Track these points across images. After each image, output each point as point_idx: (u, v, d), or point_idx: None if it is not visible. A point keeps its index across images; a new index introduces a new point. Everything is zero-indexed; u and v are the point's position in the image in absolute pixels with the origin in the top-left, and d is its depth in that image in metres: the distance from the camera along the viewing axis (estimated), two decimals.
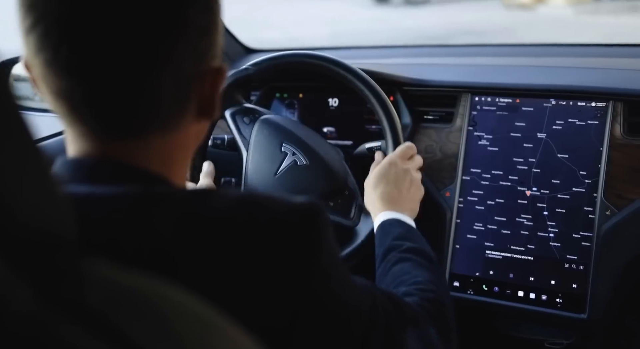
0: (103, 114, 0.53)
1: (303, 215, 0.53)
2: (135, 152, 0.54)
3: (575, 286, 1.12)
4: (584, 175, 1.14)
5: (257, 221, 0.51)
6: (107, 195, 0.49)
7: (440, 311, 0.78)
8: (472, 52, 1.69)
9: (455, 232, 1.22)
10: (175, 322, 0.34)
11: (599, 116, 1.14)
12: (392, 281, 0.83)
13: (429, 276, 0.83)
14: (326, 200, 1.11)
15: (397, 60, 1.57)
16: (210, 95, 0.58)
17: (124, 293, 0.34)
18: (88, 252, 0.37)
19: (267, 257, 0.50)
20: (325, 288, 0.54)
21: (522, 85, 1.20)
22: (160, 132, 0.55)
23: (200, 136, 0.61)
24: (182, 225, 0.48)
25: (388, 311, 0.65)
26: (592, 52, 1.56)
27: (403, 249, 0.88)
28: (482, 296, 1.19)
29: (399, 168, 1.03)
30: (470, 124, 1.23)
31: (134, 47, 0.50)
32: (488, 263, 1.19)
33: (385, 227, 0.95)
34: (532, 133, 1.18)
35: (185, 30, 0.53)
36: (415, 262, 0.86)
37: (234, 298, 0.48)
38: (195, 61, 0.55)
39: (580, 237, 1.13)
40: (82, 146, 0.55)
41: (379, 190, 1.01)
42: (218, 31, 0.58)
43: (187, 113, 0.57)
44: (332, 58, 1.15)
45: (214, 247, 0.49)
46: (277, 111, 1.48)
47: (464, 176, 1.22)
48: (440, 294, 0.81)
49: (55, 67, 0.51)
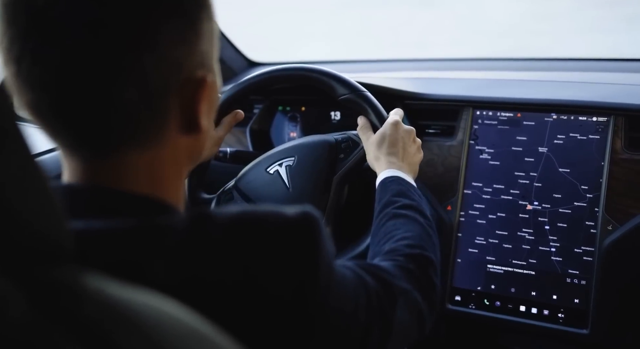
0: (74, 128, 0.51)
1: (297, 229, 0.53)
2: (122, 174, 0.53)
3: (577, 301, 1.12)
4: (585, 189, 1.14)
5: (252, 242, 0.51)
6: (103, 230, 0.48)
7: (423, 267, 0.77)
8: (473, 66, 1.69)
9: (456, 246, 1.22)
10: (171, 337, 0.34)
11: (600, 130, 1.14)
12: (383, 237, 0.83)
13: (418, 232, 0.83)
14: (338, 155, 1.11)
15: (399, 74, 1.58)
16: (193, 107, 0.55)
17: (119, 306, 0.34)
18: (84, 266, 0.37)
19: (264, 277, 0.50)
20: (325, 301, 0.54)
21: (524, 100, 1.21)
22: (140, 148, 0.53)
23: (194, 151, 0.59)
24: (180, 255, 0.48)
25: (380, 298, 0.65)
26: (593, 66, 1.56)
27: (399, 205, 0.88)
28: (484, 310, 1.19)
29: (403, 128, 1.03)
30: (471, 138, 1.23)
31: (94, 57, 0.49)
32: (490, 277, 1.19)
33: (385, 184, 0.94)
34: (533, 147, 1.18)
35: (150, 38, 0.50)
36: (408, 218, 0.86)
37: (233, 316, 0.48)
38: (169, 71, 0.52)
39: (582, 252, 1.13)
40: (70, 165, 0.55)
41: (384, 148, 1.00)
42: (200, 39, 0.54)
43: (168, 126, 0.54)
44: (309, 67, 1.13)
45: (211, 268, 0.49)
46: (280, 124, 1.49)
47: (465, 190, 1.22)
48: (427, 249, 0.80)
49: (20, 79, 0.50)
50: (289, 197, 1.11)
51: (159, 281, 0.46)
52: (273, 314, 0.50)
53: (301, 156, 1.12)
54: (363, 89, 1.08)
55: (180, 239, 0.49)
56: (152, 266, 0.47)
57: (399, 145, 1.00)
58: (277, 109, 1.49)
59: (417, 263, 0.77)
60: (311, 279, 0.52)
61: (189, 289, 0.47)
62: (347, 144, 1.12)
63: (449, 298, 1.21)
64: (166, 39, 0.51)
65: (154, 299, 0.36)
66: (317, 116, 1.46)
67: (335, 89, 1.08)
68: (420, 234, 0.83)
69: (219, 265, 0.49)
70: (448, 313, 1.21)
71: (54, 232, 0.36)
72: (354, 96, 1.07)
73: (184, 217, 0.52)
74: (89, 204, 0.52)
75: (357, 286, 0.63)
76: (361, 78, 1.17)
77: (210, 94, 0.56)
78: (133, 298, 0.35)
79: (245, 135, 1.47)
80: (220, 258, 0.49)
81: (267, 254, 0.51)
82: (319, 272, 0.53)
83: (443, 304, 1.21)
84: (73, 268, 0.36)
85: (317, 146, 1.13)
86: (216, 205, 1.15)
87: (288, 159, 1.13)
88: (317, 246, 0.53)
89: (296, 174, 1.12)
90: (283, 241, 0.52)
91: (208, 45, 0.56)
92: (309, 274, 0.52)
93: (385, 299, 0.66)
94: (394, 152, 1.00)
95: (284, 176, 1.13)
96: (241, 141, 1.48)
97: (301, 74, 1.11)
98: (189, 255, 0.49)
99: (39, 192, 0.35)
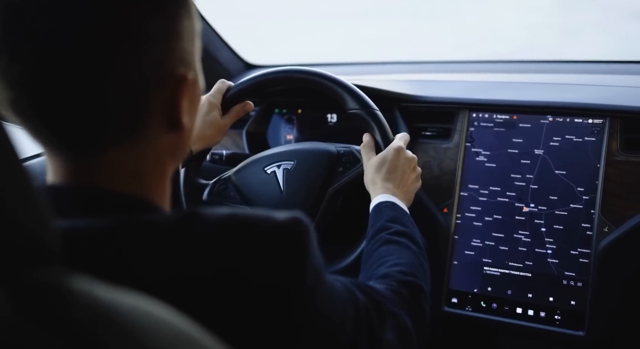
0: (54, 127, 0.51)
1: (286, 234, 0.53)
2: (105, 172, 0.53)
3: (574, 303, 1.12)
4: (581, 191, 1.14)
5: (241, 243, 0.51)
6: (88, 228, 0.48)
7: (415, 295, 0.78)
8: (469, 68, 1.70)
9: (453, 248, 1.22)
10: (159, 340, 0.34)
11: (596, 132, 1.14)
12: (376, 261, 0.84)
13: (411, 259, 0.84)
14: (337, 168, 1.11)
15: (395, 76, 1.58)
16: (174, 104, 0.55)
17: (108, 309, 0.34)
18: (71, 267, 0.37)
19: (253, 278, 0.50)
20: (311, 305, 0.54)
21: (519, 102, 1.21)
22: (122, 146, 0.53)
23: (177, 149, 0.58)
24: (167, 252, 0.48)
25: (369, 312, 0.66)
26: (588, 68, 1.57)
27: (392, 231, 0.89)
28: (481, 312, 1.19)
29: (406, 156, 1.03)
30: (467, 140, 1.23)
31: (73, 55, 0.48)
32: (486, 279, 1.19)
33: (380, 209, 0.95)
34: (529, 149, 1.18)
35: (130, 36, 0.50)
36: (402, 245, 0.86)
37: (219, 315, 0.48)
38: (149, 69, 0.52)
39: (578, 254, 1.13)
40: (53, 166, 0.54)
41: (382, 172, 1.01)
42: (181, 38, 0.54)
43: (150, 124, 0.54)
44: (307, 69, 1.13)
45: (199, 266, 0.49)
46: (276, 126, 1.49)
47: (461, 192, 1.22)
48: (419, 278, 0.81)
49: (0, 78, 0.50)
50: (281, 200, 1.11)
51: (146, 279, 0.46)
52: (258, 315, 0.50)
53: (300, 161, 1.12)
54: (374, 107, 1.08)
55: (168, 237, 0.49)
56: (138, 263, 0.47)
57: (398, 172, 1.01)
58: (273, 112, 1.49)
59: (409, 290, 0.78)
60: (297, 282, 0.52)
61: (176, 286, 0.47)
62: (348, 158, 1.11)
63: (445, 300, 1.21)
64: (146, 37, 0.51)
65: (143, 302, 0.36)
66: (313, 118, 1.46)
67: (346, 101, 1.08)
68: (413, 262, 0.84)
69: (206, 263, 0.49)
70: (445, 315, 1.21)
71: (40, 234, 0.36)
72: (363, 113, 1.07)
73: (172, 215, 0.52)
74: (73, 204, 0.52)
75: (347, 299, 0.63)
76: (358, 80, 1.17)
77: (192, 92, 0.57)
78: (122, 300, 0.35)
79: (242, 137, 1.47)
80: (208, 256, 0.49)
81: (255, 256, 0.51)
82: (306, 276, 0.53)
83: (440, 306, 1.21)
84: (61, 269, 0.36)
85: (318, 154, 1.13)
86: (209, 192, 1.15)
87: (287, 162, 1.13)
88: (305, 251, 0.53)
89: (292, 178, 1.12)
90: (271, 243, 0.52)
91: (189, 43, 0.56)
92: (296, 277, 0.52)
93: (375, 318, 0.66)
94: (391, 178, 1.00)
95: (280, 178, 1.12)
96: (237, 143, 1.48)
97: (316, 80, 1.10)
98: (177, 252, 0.48)
99: (25, 194, 0.35)
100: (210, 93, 1.11)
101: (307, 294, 0.53)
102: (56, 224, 0.38)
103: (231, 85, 1.13)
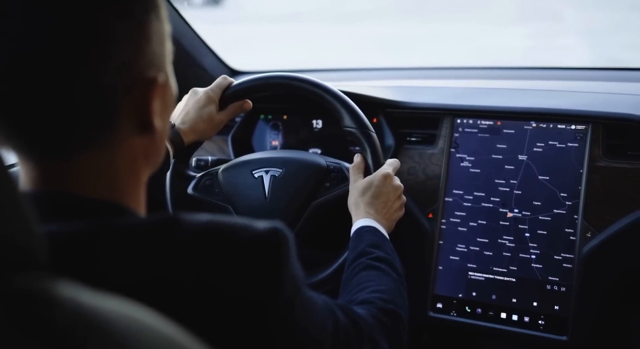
0: (23, 130, 0.51)
1: (265, 244, 0.52)
2: (77, 177, 0.53)
3: (557, 307, 1.13)
4: (564, 197, 1.15)
5: (217, 251, 0.50)
6: (60, 233, 0.47)
7: (395, 323, 0.79)
8: (454, 74, 1.71)
9: (438, 253, 1.22)
10: (144, 345, 0.34)
11: (579, 138, 1.15)
12: (356, 286, 0.84)
13: (392, 287, 0.84)
14: (324, 183, 1.10)
15: (380, 82, 1.59)
16: (145, 107, 0.54)
17: (92, 315, 0.33)
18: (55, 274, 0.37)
19: (230, 287, 0.50)
20: (288, 317, 0.54)
21: (503, 108, 1.22)
22: (93, 150, 0.53)
23: (150, 152, 0.58)
24: (144, 256, 0.48)
25: (348, 333, 0.66)
26: (571, 75, 1.58)
27: (373, 257, 0.89)
28: (465, 317, 1.19)
29: (392, 183, 1.03)
30: (452, 145, 1.24)
31: (40, 59, 0.48)
32: (471, 284, 1.19)
33: (361, 234, 0.95)
34: (513, 155, 1.19)
35: (98, 39, 0.50)
36: (382, 271, 0.87)
37: (195, 320, 0.48)
38: (118, 72, 0.51)
39: (561, 259, 1.14)
40: (25, 170, 0.54)
41: (366, 196, 1.01)
42: (149, 40, 0.54)
43: (120, 127, 0.54)
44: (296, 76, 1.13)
45: (175, 271, 0.48)
46: (262, 132, 1.49)
47: (446, 198, 1.23)
48: (399, 306, 0.82)
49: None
50: (264, 206, 1.11)
51: (122, 282, 0.46)
52: (232, 325, 0.50)
53: (289, 170, 1.12)
54: (371, 129, 1.08)
55: (145, 241, 0.49)
56: (114, 266, 0.47)
57: (382, 198, 1.01)
58: (259, 118, 1.49)
59: (389, 318, 0.78)
60: (274, 294, 0.52)
61: (152, 291, 0.47)
62: (337, 174, 1.11)
63: (430, 305, 1.21)
64: (113, 40, 0.51)
65: (126, 307, 0.36)
66: (299, 124, 1.46)
67: (344, 118, 1.08)
68: (393, 290, 0.84)
69: (183, 269, 0.49)
70: (430, 320, 1.21)
71: (24, 240, 0.35)
72: (359, 132, 1.07)
73: (150, 219, 0.51)
74: (42, 209, 0.51)
75: (327, 316, 0.63)
76: (343, 86, 1.18)
77: (163, 94, 0.56)
78: (105, 306, 0.35)
79: (227, 143, 1.47)
80: (184, 262, 0.49)
81: (230, 265, 0.51)
82: (283, 286, 0.53)
83: (425, 311, 1.21)
84: (44, 275, 0.35)
85: (308, 165, 1.12)
86: (195, 185, 1.15)
87: (276, 169, 1.13)
88: (283, 262, 0.53)
89: (278, 186, 1.11)
90: (250, 252, 0.52)
91: (158, 46, 0.56)
92: (272, 288, 0.52)
93: (354, 339, 0.67)
94: (375, 203, 1.00)
95: (266, 184, 1.12)
96: (223, 149, 1.48)
97: (317, 92, 1.09)
98: (153, 257, 0.48)
99: (8, 201, 0.35)
100: (210, 87, 1.11)
101: (284, 305, 0.53)
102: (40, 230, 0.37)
103: (232, 82, 1.13)
